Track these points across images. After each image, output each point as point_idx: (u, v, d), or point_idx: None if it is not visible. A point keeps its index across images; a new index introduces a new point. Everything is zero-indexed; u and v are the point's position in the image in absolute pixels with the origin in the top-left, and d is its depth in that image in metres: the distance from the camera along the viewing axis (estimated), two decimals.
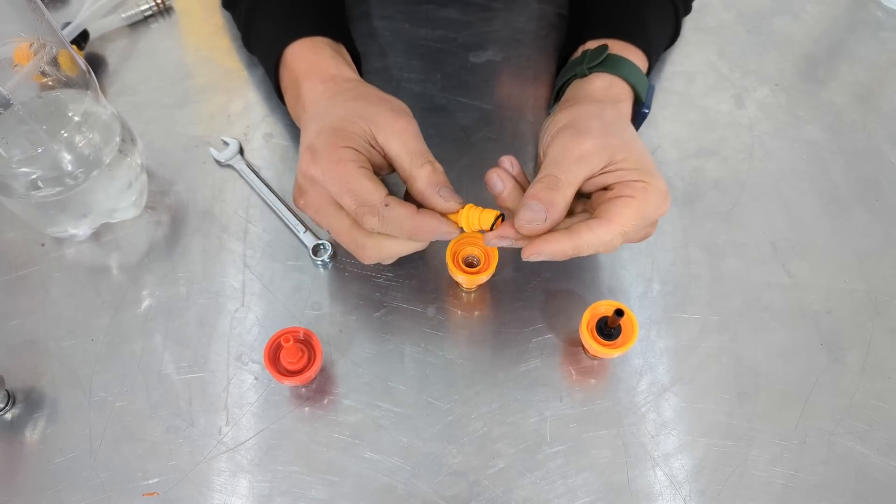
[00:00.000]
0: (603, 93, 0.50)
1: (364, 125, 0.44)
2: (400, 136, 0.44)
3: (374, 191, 0.42)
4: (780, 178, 0.58)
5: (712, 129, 0.61)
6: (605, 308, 0.47)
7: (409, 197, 0.45)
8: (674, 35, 0.60)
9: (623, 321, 0.46)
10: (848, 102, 0.63)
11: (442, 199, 0.43)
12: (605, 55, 0.51)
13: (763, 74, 0.65)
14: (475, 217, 0.43)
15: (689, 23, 0.67)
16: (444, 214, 0.43)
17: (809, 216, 0.56)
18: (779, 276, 0.53)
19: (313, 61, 0.51)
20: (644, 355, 0.50)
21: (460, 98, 0.61)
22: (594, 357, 0.49)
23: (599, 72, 0.50)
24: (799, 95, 0.63)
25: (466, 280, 0.48)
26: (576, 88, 0.51)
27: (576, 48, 0.55)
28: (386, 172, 0.46)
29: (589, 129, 0.45)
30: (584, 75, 0.51)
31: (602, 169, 0.44)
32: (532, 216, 0.41)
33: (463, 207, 0.43)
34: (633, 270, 0.53)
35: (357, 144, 0.44)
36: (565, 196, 0.42)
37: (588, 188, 0.45)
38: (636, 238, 0.45)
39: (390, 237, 0.44)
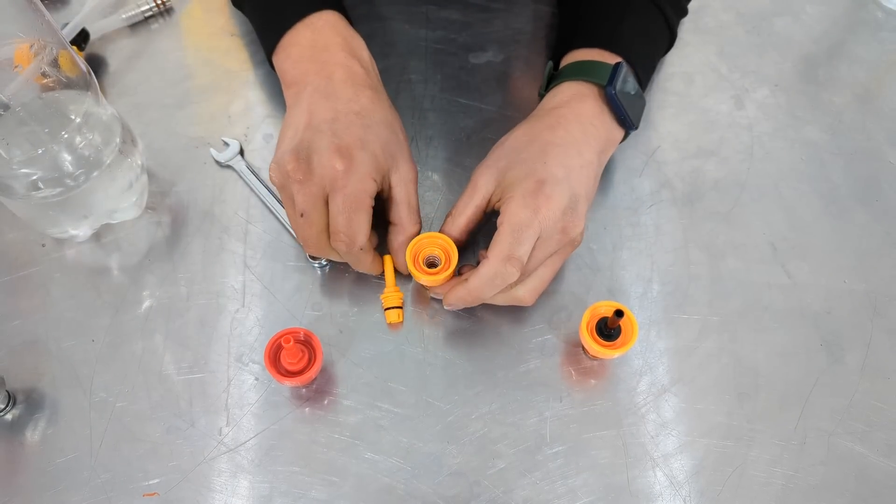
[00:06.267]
0: (547, 102, 0.52)
1: (387, 162, 0.47)
2: (407, 186, 0.48)
3: (365, 235, 0.46)
4: (779, 178, 0.58)
5: (712, 130, 0.61)
6: (604, 309, 0.47)
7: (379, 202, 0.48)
8: (669, 36, 0.58)
9: (623, 322, 0.46)
10: (848, 103, 0.63)
11: (404, 261, 0.48)
12: (548, 74, 0.54)
13: (763, 75, 0.65)
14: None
15: (688, 23, 0.67)
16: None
17: (809, 216, 0.56)
18: (779, 276, 0.53)
19: (347, 37, 0.51)
20: (644, 356, 0.50)
21: (460, 99, 0.61)
22: (594, 357, 0.49)
23: (550, 89, 0.53)
24: (799, 96, 0.63)
25: (430, 281, 0.48)
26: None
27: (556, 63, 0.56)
28: None
29: (488, 159, 0.49)
30: (542, 96, 0.54)
31: (494, 193, 0.47)
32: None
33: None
34: (632, 271, 0.53)
35: (378, 177, 0.46)
36: (456, 223, 0.48)
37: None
38: (548, 251, 0.46)
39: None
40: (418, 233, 0.49)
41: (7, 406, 0.46)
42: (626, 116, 0.50)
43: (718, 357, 0.50)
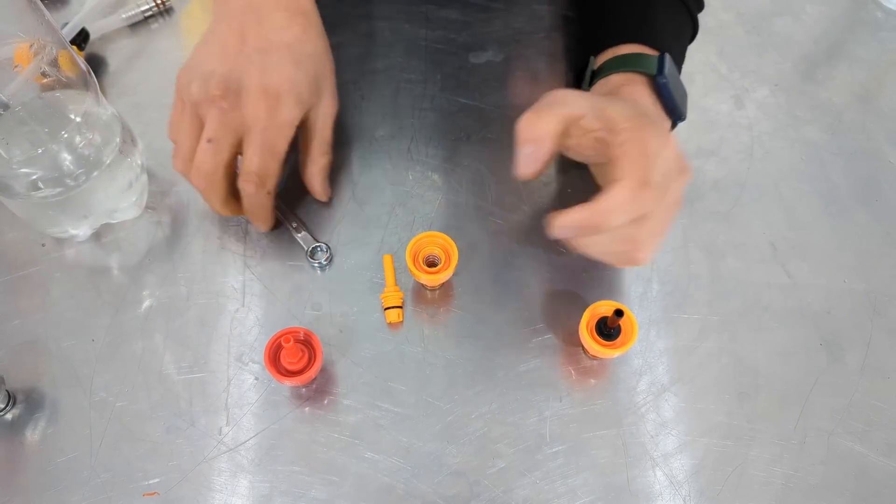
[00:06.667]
0: (600, 89, 0.52)
1: (311, 99, 0.48)
2: (325, 121, 0.51)
3: (275, 179, 0.48)
4: (779, 178, 0.58)
5: (712, 130, 0.61)
6: (604, 308, 0.47)
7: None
8: (693, 28, 0.59)
9: (623, 321, 0.46)
10: (847, 103, 0.63)
11: (323, 191, 0.53)
12: (591, 71, 0.54)
13: (762, 75, 0.65)
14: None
15: None
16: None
17: (809, 216, 0.56)
18: (778, 276, 0.53)
19: None
20: (644, 355, 0.50)
21: (460, 98, 0.61)
22: (594, 357, 0.49)
23: (595, 83, 0.53)
24: (798, 96, 0.64)
25: (430, 280, 0.48)
26: None
27: (586, 59, 0.56)
28: None
29: (580, 92, 0.46)
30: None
31: (586, 118, 0.43)
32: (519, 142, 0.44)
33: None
34: (632, 271, 0.53)
35: (299, 121, 0.48)
36: (543, 120, 0.43)
37: (584, 146, 0.45)
38: (675, 193, 0.42)
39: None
40: (328, 163, 0.52)
41: (7, 406, 0.46)
42: (677, 105, 0.50)
43: (718, 357, 0.50)
